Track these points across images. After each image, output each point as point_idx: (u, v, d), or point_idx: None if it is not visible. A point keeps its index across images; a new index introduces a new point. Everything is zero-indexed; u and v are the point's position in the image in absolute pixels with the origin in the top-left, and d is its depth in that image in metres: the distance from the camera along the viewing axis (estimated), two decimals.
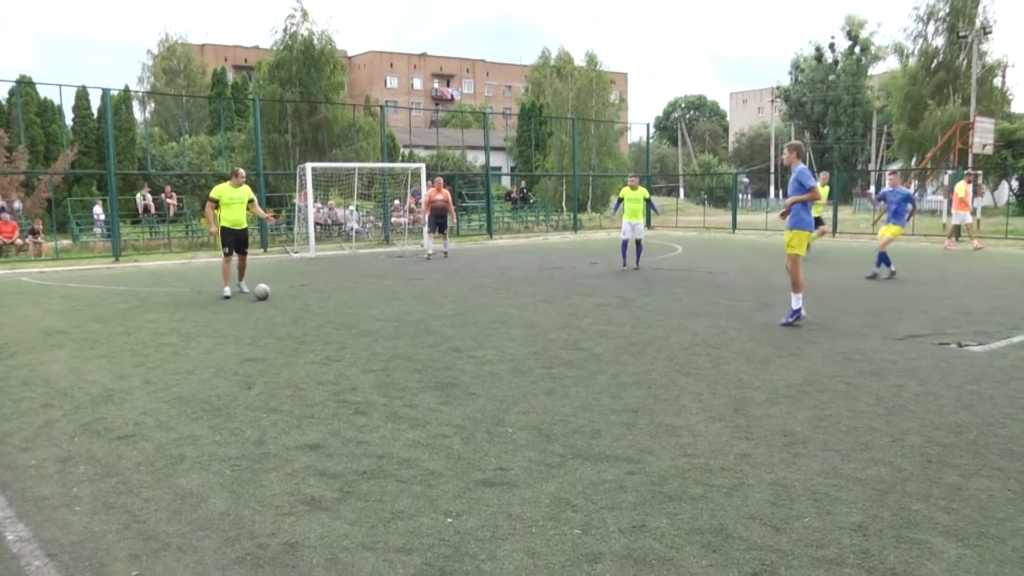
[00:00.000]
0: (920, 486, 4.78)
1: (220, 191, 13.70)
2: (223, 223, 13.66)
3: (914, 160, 46.17)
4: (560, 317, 11.12)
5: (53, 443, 5.85)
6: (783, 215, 10.58)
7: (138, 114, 49.92)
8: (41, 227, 25.19)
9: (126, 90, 39.49)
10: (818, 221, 17.42)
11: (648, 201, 18.17)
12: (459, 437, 5.80)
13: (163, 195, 29.71)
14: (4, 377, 7.92)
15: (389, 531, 4.24)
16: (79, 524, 4.44)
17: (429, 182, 24.54)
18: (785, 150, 10.88)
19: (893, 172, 17.26)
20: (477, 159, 47.61)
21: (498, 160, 54.78)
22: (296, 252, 23.79)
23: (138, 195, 29.37)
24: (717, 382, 7.34)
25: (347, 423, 6.19)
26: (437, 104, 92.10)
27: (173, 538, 4.22)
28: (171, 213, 29.24)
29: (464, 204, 36.73)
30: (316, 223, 25.47)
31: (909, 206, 16.37)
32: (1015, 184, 42.04)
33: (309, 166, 24.20)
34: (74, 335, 10.19)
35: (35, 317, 11.84)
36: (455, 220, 24.17)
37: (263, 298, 13.19)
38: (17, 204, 27.12)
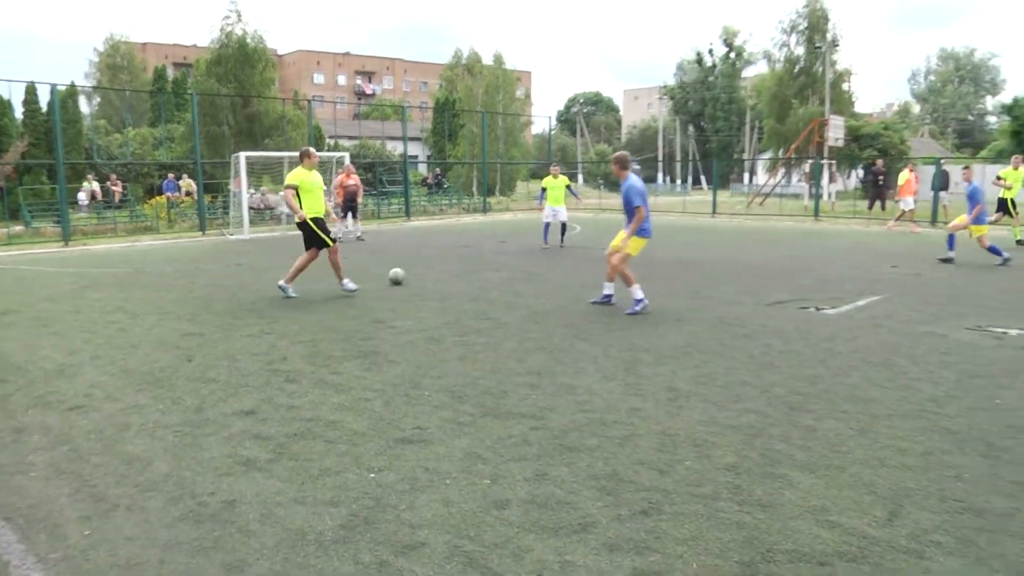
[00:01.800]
0: (782, 429, 4.98)
1: (298, 176, 10.48)
2: (309, 213, 10.44)
3: (781, 151, 47.55)
4: (471, 290, 11.13)
5: (8, 415, 5.62)
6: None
7: (84, 108, 47.92)
8: None
9: (73, 86, 37.74)
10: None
11: (569, 188, 17.88)
12: (380, 400, 5.78)
13: (108, 183, 28.71)
14: None
15: (318, 487, 4.21)
16: (34, 489, 4.29)
17: (340, 169, 24.08)
18: (613, 164, 9.79)
19: (966, 167, 15.29)
20: (396, 148, 47.12)
21: (415, 149, 54.23)
22: (232, 234, 23.21)
23: (84, 183, 28.27)
24: (611, 345, 7.46)
25: (279, 390, 6.10)
26: (360, 98, 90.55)
27: (121, 499, 4.12)
28: (116, 199, 28.29)
29: (384, 189, 36.33)
30: (250, 207, 24.85)
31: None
32: (861, 172, 43.71)
33: (243, 155, 23.57)
34: (27, 314, 9.76)
35: None
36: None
37: (399, 283, 11.76)
38: None
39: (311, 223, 10.32)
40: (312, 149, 10.63)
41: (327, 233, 10.44)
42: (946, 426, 5.08)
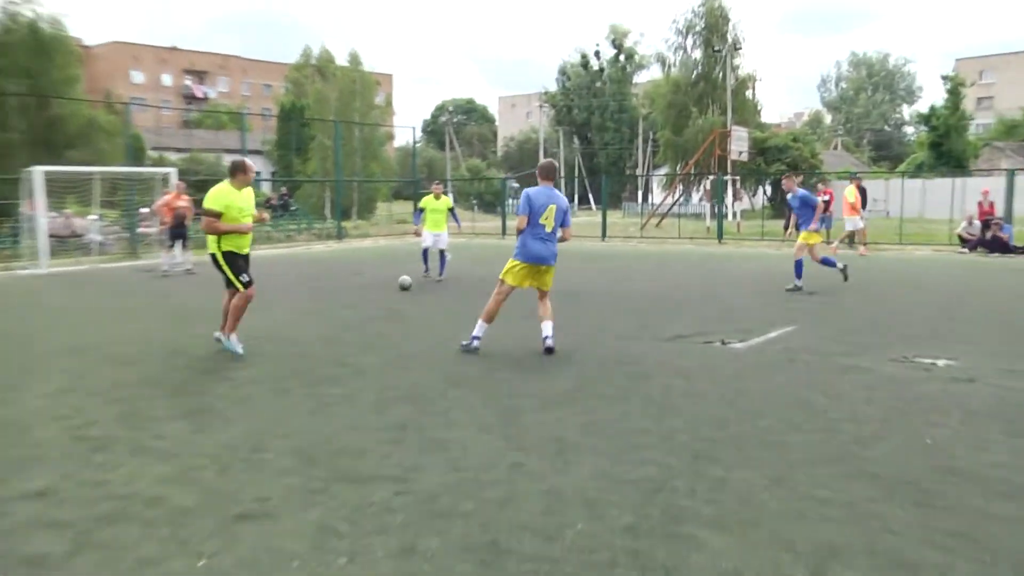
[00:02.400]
0: (687, 482, 5.07)
1: (222, 198, 9.22)
2: (226, 247, 9.40)
3: (679, 166, 49.19)
4: (323, 331, 10.96)
5: None
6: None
7: None
8: None
9: None
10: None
11: (452, 211, 17.57)
12: (214, 468, 5.55)
13: None
14: None
15: None
16: None
17: (165, 188, 23.41)
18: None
19: (787, 175, 16.17)
20: None
21: (257, 164, 53.35)
22: (26, 268, 22.12)
23: None
24: (488, 392, 7.46)
25: (83, 462, 5.75)
26: (189, 102, 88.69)
27: None
28: None
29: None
30: (51, 235, 23.78)
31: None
32: (769, 189, 45.70)
33: (40, 170, 22.59)
34: None
35: None
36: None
37: (406, 288, 14.46)
38: None
39: (222, 259, 9.36)
40: (248, 161, 9.45)
41: (241, 272, 9.46)
42: (873, 471, 5.27)
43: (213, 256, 9.38)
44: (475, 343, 9.26)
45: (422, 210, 17.48)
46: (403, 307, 13.15)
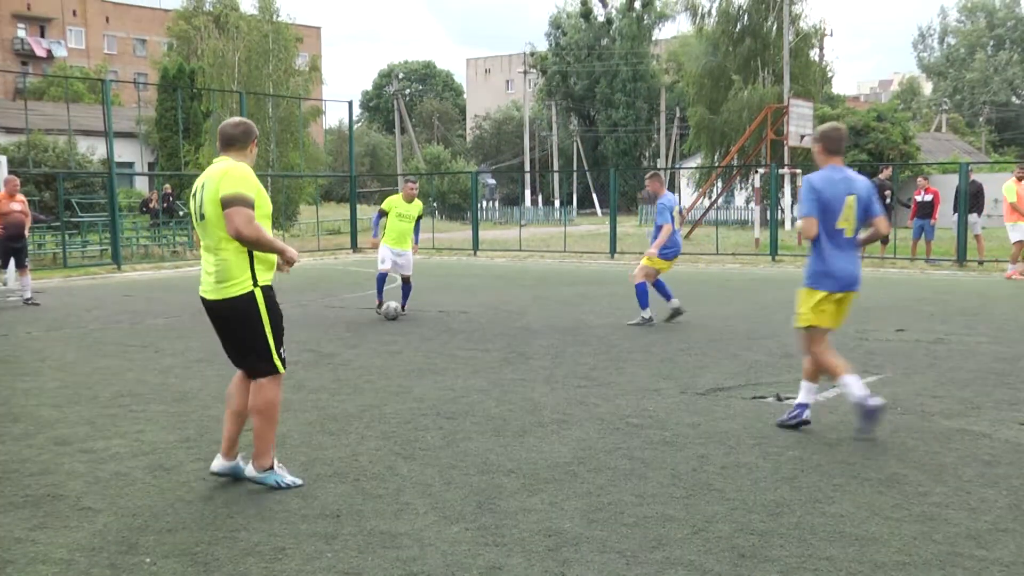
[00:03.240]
0: None
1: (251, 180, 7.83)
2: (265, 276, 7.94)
3: (716, 155, 49.33)
4: (224, 383, 10.90)
5: None
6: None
7: None
8: None
9: None
10: None
11: (418, 221, 17.05)
12: None
13: None
14: None
15: None
16: None
17: None
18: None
19: (654, 174, 16.55)
20: (96, 150, 46.12)
21: (129, 152, 53.27)
22: None
23: None
24: (453, 467, 7.45)
25: None
26: (25, 64, 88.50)
27: None
28: None
29: (76, 218, 35.36)
30: None
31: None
32: None
33: None
34: None
35: None
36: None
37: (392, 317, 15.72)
38: None
39: (262, 302, 6.76)
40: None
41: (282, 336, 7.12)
42: None
43: (238, 301, 6.48)
44: (805, 413, 8.48)
45: (384, 213, 16.86)
46: (334, 348, 13.13)
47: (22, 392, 10.71)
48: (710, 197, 43.97)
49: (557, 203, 74.45)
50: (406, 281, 16.59)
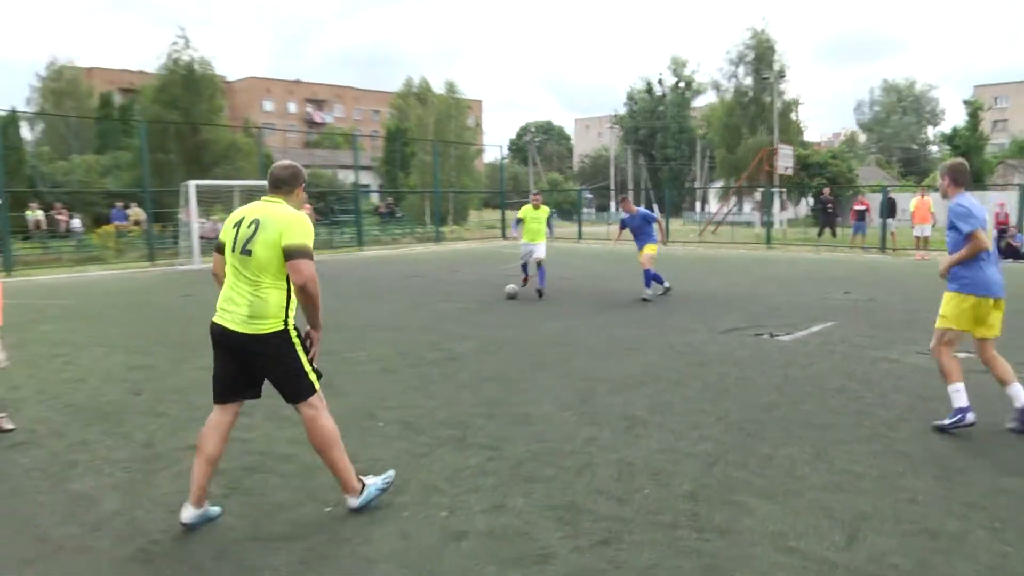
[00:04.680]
0: (739, 456, 5.03)
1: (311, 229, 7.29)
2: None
3: (732, 179, 48.49)
4: (425, 320, 11.09)
5: None
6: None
7: (27, 134, 47.04)
8: None
9: (13, 111, 37.22)
10: None
11: (549, 220, 14.89)
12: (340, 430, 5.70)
13: (53, 211, 28.05)
14: None
15: (273, 522, 4.15)
16: None
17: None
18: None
19: (624, 198, 15.27)
20: (348, 177, 46.94)
21: (367, 178, 54.05)
22: (182, 264, 22.91)
23: (27, 212, 27.60)
24: (566, 375, 7.48)
25: None
26: (310, 127, 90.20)
27: (67, 540, 4.01)
28: (63, 229, 27.68)
29: (336, 219, 36.16)
30: (200, 237, 24.58)
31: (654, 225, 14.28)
32: (811, 200, 44.83)
33: (192, 184, 23.38)
34: None
35: None
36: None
37: (513, 296, 13.43)
38: None
39: (296, 339, 4.35)
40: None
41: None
42: (900, 449, 5.18)
43: (272, 337, 4.25)
44: (968, 417, 5.54)
45: (520, 220, 14.99)
46: (492, 300, 13.23)
47: (301, 323, 10.97)
48: (727, 206, 43.14)
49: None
50: (539, 264, 14.48)
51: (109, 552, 3.87)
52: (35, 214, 27.65)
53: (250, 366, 4.31)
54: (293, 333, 4.28)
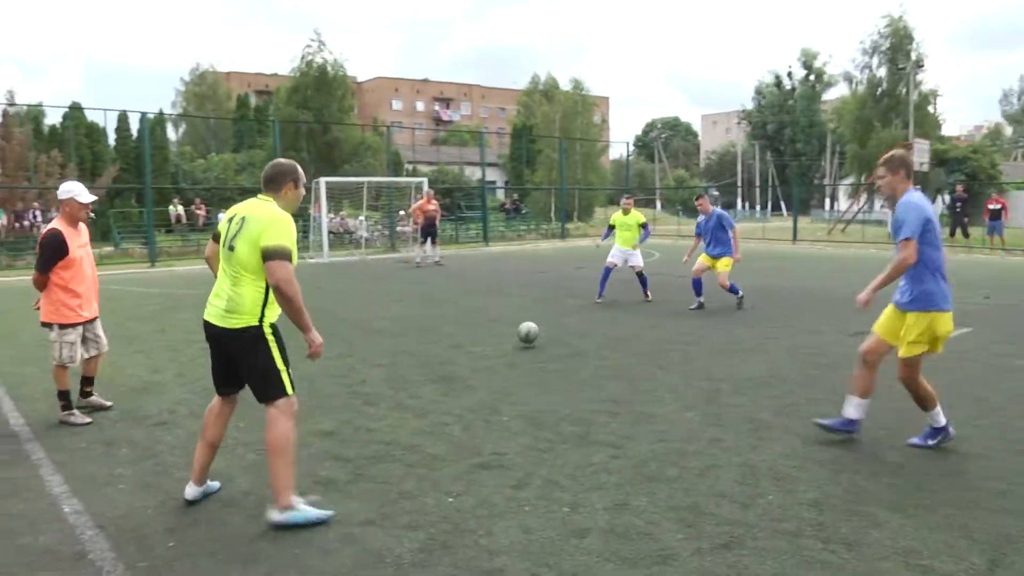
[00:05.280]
0: (868, 465, 4.83)
1: (293, 229, 6.02)
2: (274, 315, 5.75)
3: (863, 176, 46.43)
4: (548, 316, 11.12)
5: (99, 428, 5.88)
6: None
7: (171, 135, 49.97)
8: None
9: (160, 113, 39.59)
10: None
11: (643, 226, 13.35)
12: (459, 425, 5.81)
13: (193, 206, 29.76)
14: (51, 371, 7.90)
15: (396, 510, 4.26)
16: (122, 500, 4.47)
17: (418, 194, 24.50)
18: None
19: (701, 195, 12.85)
20: (474, 174, 47.60)
21: (493, 175, 54.67)
22: (311, 258, 23.79)
23: (170, 207, 29.37)
24: (689, 374, 7.37)
25: (357, 412, 6.20)
26: (438, 124, 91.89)
27: (203, 514, 4.25)
28: (200, 223, 29.31)
29: (463, 215, 36.77)
30: (329, 232, 25.48)
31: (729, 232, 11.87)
32: (947, 198, 42.44)
33: (323, 180, 24.25)
34: (115, 332, 10.10)
35: None
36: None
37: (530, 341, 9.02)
38: None
39: (271, 337, 4.42)
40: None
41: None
42: None
43: (244, 332, 4.27)
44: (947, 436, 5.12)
45: (612, 228, 13.81)
46: (616, 296, 13.15)
47: (433, 316, 11.22)
48: (857, 204, 41.34)
49: (758, 207, 71.98)
50: (639, 273, 13.21)
51: (241, 528, 4.07)
52: (177, 209, 29.33)
53: (224, 359, 4.34)
54: (268, 332, 4.27)
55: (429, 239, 21.05)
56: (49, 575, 3.62)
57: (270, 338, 4.28)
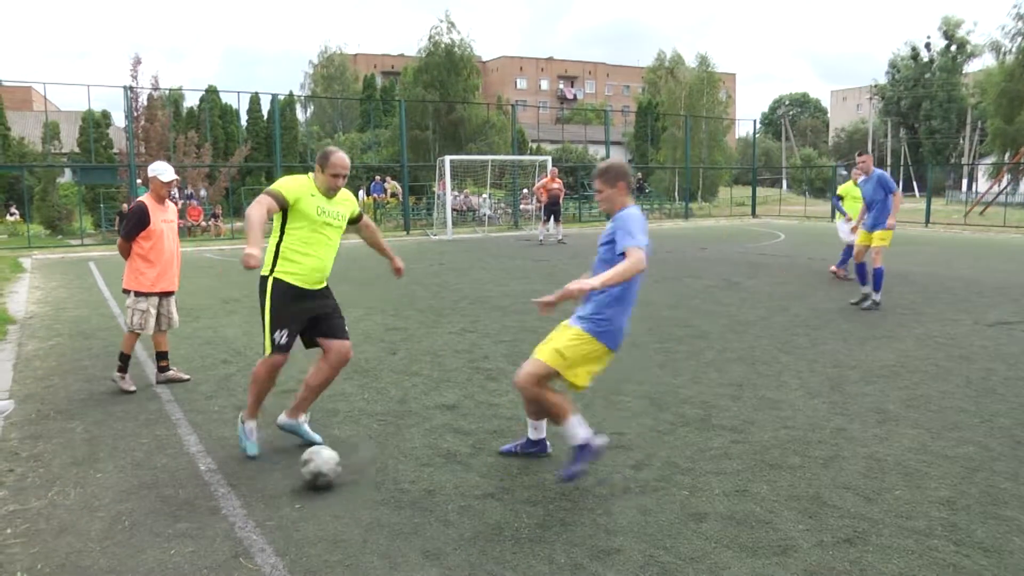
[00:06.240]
0: (1008, 466, 4.52)
1: (294, 184, 5.43)
2: (286, 271, 5.53)
3: (1007, 154, 43.31)
4: (672, 297, 10.96)
5: (231, 393, 6.18)
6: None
7: (300, 115, 51.74)
8: (221, 211, 26.59)
9: (290, 95, 41.07)
10: None
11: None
12: (579, 403, 5.77)
13: None
14: (190, 337, 8.38)
15: (516, 484, 4.29)
16: (253, 462, 4.70)
17: (542, 172, 24.49)
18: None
19: (863, 151, 10.56)
20: (598, 152, 47.24)
21: (617, 153, 54.10)
22: (435, 235, 24.20)
23: None
24: (815, 360, 7.11)
25: (479, 387, 6.28)
26: (562, 103, 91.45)
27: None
28: None
29: (586, 193, 36.59)
30: (453, 209, 25.82)
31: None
32: None
33: (447, 159, 24.55)
34: (246, 303, 10.64)
35: (215, 287, 12.44)
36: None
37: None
38: (202, 192, 28.54)
39: (269, 290, 4.67)
40: (339, 155, 4.87)
41: (282, 327, 4.72)
42: None
43: (260, 281, 4.74)
44: (595, 443, 4.26)
45: (840, 198, 12.92)
46: (740, 279, 12.82)
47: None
48: (1000, 185, 38.61)
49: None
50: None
51: (364, 495, 4.20)
52: None
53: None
54: (269, 284, 4.64)
55: (552, 217, 21.06)
56: (188, 526, 3.85)
57: (268, 291, 4.64)
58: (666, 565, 3.40)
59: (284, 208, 4.58)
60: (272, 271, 4.64)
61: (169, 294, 6.56)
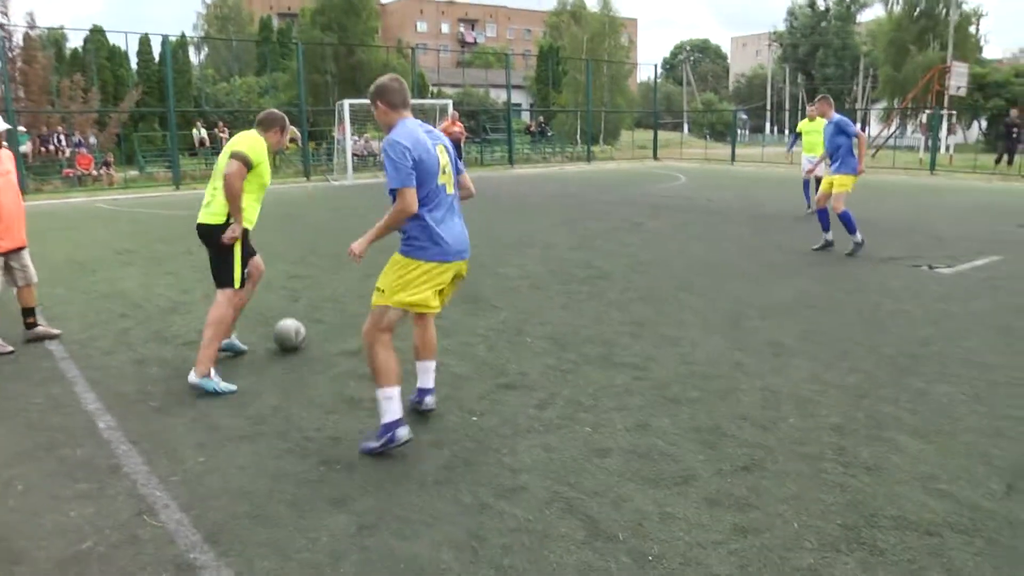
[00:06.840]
0: (890, 392, 4.78)
1: (259, 148, 6.00)
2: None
3: (896, 100, 45.18)
4: (575, 239, 11.05)
5: (130, 348, 5.94)
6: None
7: (193, 58, 49.51)
8: (112, 159, 25.36)
9: (183, 36, 39.16)
10: None
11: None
12: (484, 345, 5.83)
13: (216, 129, 29.61)
14: (86, 291, 8.01)
15: (421, 428, 4.28)
16: (154, 417, 4.54)
17: (443, 116, 24.23)
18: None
19: (823, 97, 10.64)
20: (499, 96, 46.84)
21: (518, 97, 53.74)
22: (335, 180, 23.72)
23: (193, 130, 29.25)
24: (715, 299, 7.31)
25: None
26: (463, 47, 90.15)
27: (233, 430, 4.31)
28: (223, 145, 29.21)
29: (488, 137, 36.40)
30: (353, 154, 25.30)
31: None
32: (984, 124, 41.18)
33: (347, 103, 23.95)
34: (143, 254, 10.25)
35: (109, 239, 11.89)
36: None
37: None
38: (92, 139, 27.12)
39: (241, 239, 5.21)
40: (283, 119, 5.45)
41: (247, 263, 5.35)
42: None
43: (216, 227, 5.09)
44: (399, 433, 3.91)
45: (799, 134, 13.47)
46: (642, 221, 13.01)
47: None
48: (889, 129, 40.30)
49: (787, 132, 70.70)
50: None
51: (269, 444, 4.13)
52: (200, 132, 29.17)
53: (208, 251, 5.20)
54: (238, 231, 5.07)
55: None
56: (88, 486, 3.70)
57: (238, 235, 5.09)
58: (571, 500, 3.47)
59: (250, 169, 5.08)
60: (227, 220, 5.06)
61: (19, 250, 6.07)
